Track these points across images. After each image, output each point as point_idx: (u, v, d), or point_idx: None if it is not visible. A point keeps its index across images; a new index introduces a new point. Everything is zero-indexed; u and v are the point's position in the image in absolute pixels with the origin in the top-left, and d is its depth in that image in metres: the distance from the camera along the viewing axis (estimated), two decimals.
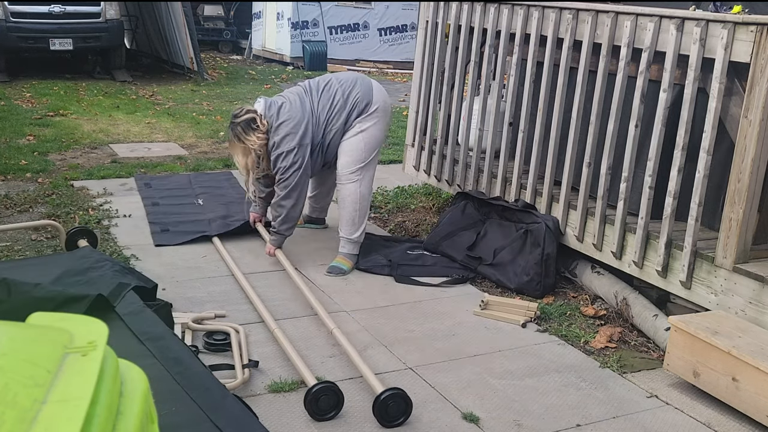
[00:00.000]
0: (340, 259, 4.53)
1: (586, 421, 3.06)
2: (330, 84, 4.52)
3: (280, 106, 4.36)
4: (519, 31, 4.67)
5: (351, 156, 4.48)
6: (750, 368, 3.00)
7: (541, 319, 3.99)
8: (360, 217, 4.54)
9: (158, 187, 5.97)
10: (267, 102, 4.39)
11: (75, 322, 1.24)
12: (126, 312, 2.86)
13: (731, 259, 3.48)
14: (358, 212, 4.52)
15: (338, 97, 4.45)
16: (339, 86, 4.49)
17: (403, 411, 2.94)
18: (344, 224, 4.55)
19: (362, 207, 4.53)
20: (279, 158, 4.32)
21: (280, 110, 4.33)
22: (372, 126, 4.49)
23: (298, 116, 4.33)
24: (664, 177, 3.81)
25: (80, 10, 11.24)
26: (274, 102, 4.40)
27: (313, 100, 4.45)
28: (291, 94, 4.49)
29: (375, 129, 4.50)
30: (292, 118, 4.32)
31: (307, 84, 4.58)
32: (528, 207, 4.56)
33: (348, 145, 4.48)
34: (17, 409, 0.94)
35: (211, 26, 17.43)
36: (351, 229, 4.53)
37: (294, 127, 4.30)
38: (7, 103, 9.16)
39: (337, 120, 4.44)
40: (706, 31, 3.53)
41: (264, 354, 3.41)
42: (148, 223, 5.12)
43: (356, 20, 15.36)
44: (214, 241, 4.80)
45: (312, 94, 4.48)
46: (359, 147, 4.48)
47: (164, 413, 1.99)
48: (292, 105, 4.37)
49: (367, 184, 4.54)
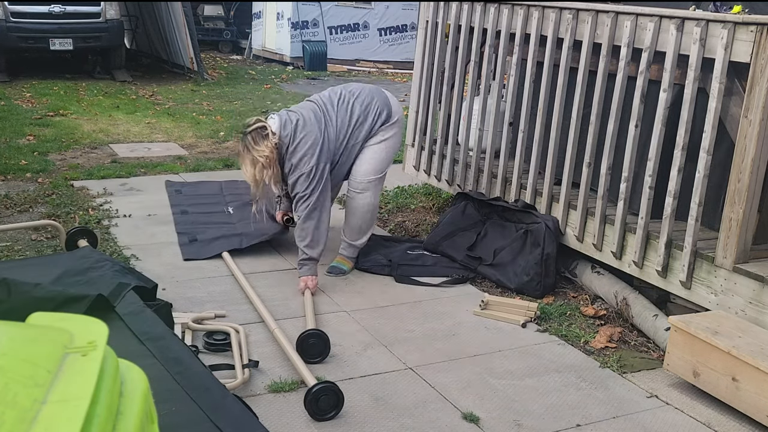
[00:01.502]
0: (341, 259, 4.53)
1: (586, 421, 3.06)
2: (343, 98, 4.37)
3: (295, 124, 4.15)
4: (519, 31, 4.67)
5: (372, 164, 4.37)
6: (750, 368, 3.00)
7: (541, 319, 3.99)
8: (368, 227, 4.50)
9: (189, 194, 5.76)
10: (282, 120, 4.16)
11: (75, 322, 1.24)
12: (126, 312, 2.86)
13: (731, 259, 3.48)
14: (368, 222, 4.48)
15: (357, 111, 4.32)
16: (354, 99, 4.36)
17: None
18: (351, 231, 4.49)
19: (372, 217, 4.50)
20: (298, 181, 4.14)
21: (296, 129, 4.13)
22: (393, 136, 4.43)
23: (314, 134, 4.14)
24: (664, 177, 3.81)
25: (80, 10, 11.24)
26: (288, 120, 4.16)
27: (329, 116, 4.27)
28: (305, 111, 4.27)
29: (396, 139, 4.46)
30: (308, 136, 4.12)
31: (319, 99, 4.38)
32: (528, 207, 4.56)
33: (371, 152, 4.37)
34: (17, 409, 0.94)
35: (211, 26, 17.43)
36: (357, 236, 4.50)
37: (311, 147, 4.11)
38: (7, 103, 9.16)
39: (359, 133, 4.32)
40: (706, 31, 3.53)
41: (264, 354, 3.41)
42: (176, 233, 4.93)
43: (356, 20, 15.36)
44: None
45: (327, 110, 4.30)
46: (381, 156, 4.39)
47: (164, 413, 2.00)
48: (306, 123, 4.17)
49: (378, 194, 4.51)
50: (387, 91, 4.60)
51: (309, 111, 4.26)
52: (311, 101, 4.41)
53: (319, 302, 4.04)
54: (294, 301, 4.03)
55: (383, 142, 4.40)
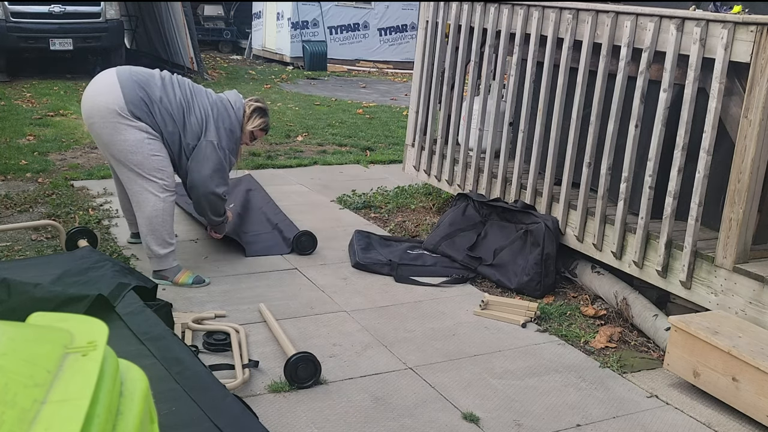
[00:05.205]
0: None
1: (586, 421, 3.06)
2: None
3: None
4: (519, 31, 4.67)
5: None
6: (750, 368, 3.00)
7: (541, 319, 3.99)
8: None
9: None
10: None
11: (75, 322, 1.24)
12: (126, 312, 2.86)
13: (731, 259, 3.48)
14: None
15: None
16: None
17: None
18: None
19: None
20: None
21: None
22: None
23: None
24: (664, 177, 3.81)
25: (80, 10, 11.24)
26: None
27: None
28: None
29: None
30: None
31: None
32: (527, 207, 4.57)
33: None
34: (17, 409, 0.94)
35: (211, 26, 17.44)
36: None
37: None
38: (7, 103, 9.16)
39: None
40: (706, 31, 3.53)
41: (264, 354, 3.41)
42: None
43: (356, 20, 15.37)
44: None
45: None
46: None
47: (164, 413, 2.00)
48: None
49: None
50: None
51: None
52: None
53: (319, 302, 4.05)
54: (294, 301, 4.04)
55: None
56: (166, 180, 4.06)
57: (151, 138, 4.00)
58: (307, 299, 4.07)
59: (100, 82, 4.06)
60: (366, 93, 12.24)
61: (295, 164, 7.04)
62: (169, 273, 4.13)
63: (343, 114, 9.86)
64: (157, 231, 4.06)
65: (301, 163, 7.10)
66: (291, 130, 8.52)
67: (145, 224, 4.07)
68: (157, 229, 4.06)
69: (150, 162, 3.99)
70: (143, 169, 3.99)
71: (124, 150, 3.97)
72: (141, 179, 4.01)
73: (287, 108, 10.04)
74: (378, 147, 7.99)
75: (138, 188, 4.03)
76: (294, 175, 6.51)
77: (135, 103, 3.95)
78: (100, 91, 4.01)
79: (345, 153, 7.64)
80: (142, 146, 3.96)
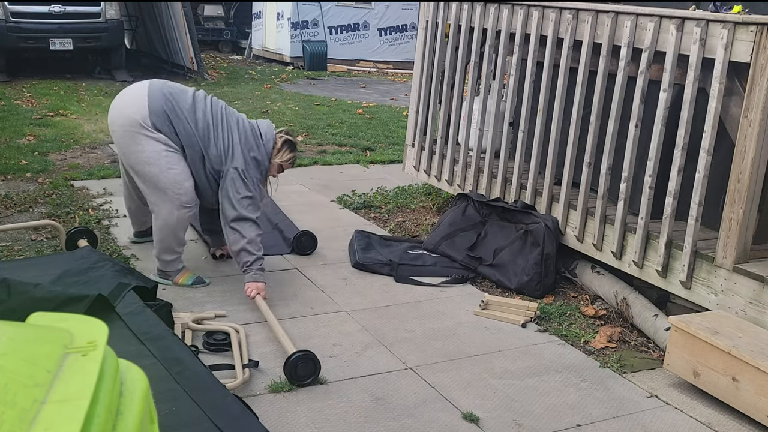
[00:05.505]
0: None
1: (586, 421, 3.06)
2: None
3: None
4: (519, 31, 4.67)
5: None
6: (750, 368, 3.00)
7: (541, 319, 3.99)
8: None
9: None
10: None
11: (75, 322, 1.24)
12: (126, 312, 2.87)
13: (731, 259, 3.48)
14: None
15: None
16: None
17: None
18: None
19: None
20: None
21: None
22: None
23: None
24: (664, 177, 3.81)
25: (80, 10, 11.24)
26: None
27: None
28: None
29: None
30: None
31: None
32: (527, 207, 4.57)
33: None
34: (17, 409, 0.94)
35: (211, 26, 17.43)
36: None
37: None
38: (7, 103, 9.16)
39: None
40: (706, 31, 3.53)
41: (264, 354, 3.41)
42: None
43: (356, 20, 15.37)
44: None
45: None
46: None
47: (164, 413, 2.00)
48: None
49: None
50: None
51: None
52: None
53: (319, 302, 4.05)
54: (294, 301, 4.03)
55: None
56: (181, 194, 3.97)
57: (169, 150, 3.95)
58: (307, 299, 4.07)
59: (131, 90, 4.08)
60: (366, 93, 12.24)
61: (295, 164, 7.03)
62: (171, 273, 4.13)
63: (343, 114, 9.86)
64: (165, 241, 4.06)
65: (301, 163, 7.09)
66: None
67: (157, 232, 4.08)
68: (166, 239, 4.06)
69: (166, 175, 3.94)
70: (159, 182, 3.95)
71: (140, 161, 3.94)
72: (157, 191, 3.98)
73: (287, 108, 10.04)
74: (378, 147, 7.99)
75: (153, 199, 4.01)
76: (294, 175, 6.51)
77: (158, 115, 3.92)
78: (127, 101, 4.02)
79: (345, 153, 7.64)
80: (159, 158, 3.92)
